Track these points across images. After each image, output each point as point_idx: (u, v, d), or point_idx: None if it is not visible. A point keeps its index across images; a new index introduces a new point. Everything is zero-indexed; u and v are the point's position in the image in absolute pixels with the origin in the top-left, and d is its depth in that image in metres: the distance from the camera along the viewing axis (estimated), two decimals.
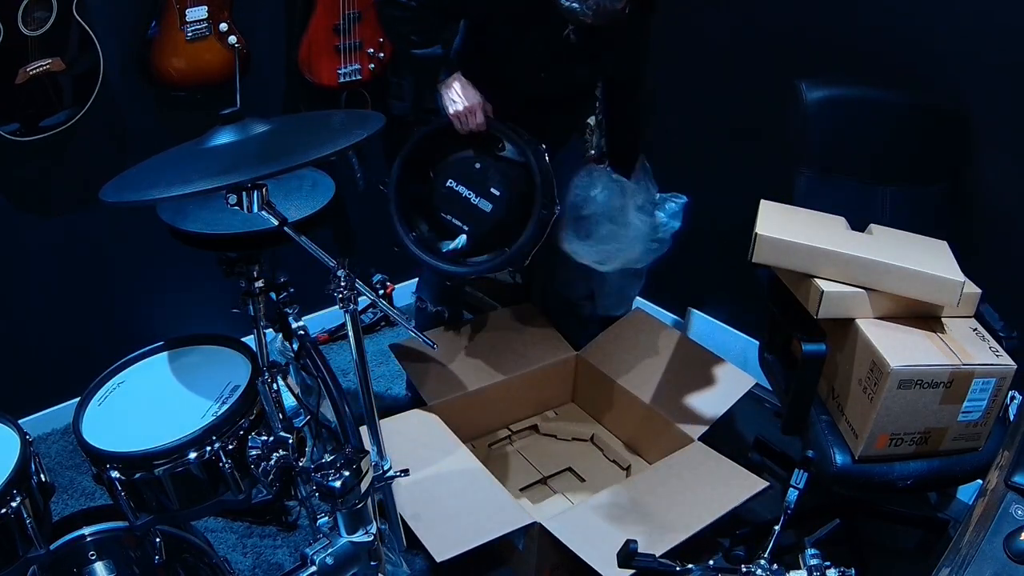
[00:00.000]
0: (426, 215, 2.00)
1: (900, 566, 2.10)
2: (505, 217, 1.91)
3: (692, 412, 2.15)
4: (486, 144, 1.92)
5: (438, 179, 1.95)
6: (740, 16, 2.41)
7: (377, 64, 2.52)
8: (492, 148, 1.92)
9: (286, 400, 1.52)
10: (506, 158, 1.92)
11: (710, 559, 1.26)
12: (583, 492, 2.19)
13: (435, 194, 1.95)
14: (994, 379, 1.62)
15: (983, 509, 1.14)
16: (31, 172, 2.19)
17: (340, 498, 1.20)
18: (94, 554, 1.46)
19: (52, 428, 2.46)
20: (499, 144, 1.92)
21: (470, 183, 1.92)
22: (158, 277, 2.50)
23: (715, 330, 2.83)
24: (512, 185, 1.90)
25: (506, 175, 1.91)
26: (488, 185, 1.91)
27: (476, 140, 1.92)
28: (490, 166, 1.91)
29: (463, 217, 1.94)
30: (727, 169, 2.62)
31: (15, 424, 1.40)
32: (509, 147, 1.91)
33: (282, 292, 1.54)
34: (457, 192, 1.93)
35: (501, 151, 1.92)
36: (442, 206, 1.96)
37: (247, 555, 2.05)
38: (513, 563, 2.00)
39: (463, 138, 1.91)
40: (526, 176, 1.90)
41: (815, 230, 1.83)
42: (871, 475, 1.70)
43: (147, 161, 1.34)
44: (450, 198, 1.94)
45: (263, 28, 2.42)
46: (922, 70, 2.06)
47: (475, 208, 1.92)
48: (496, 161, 1.92)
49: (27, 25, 1.88)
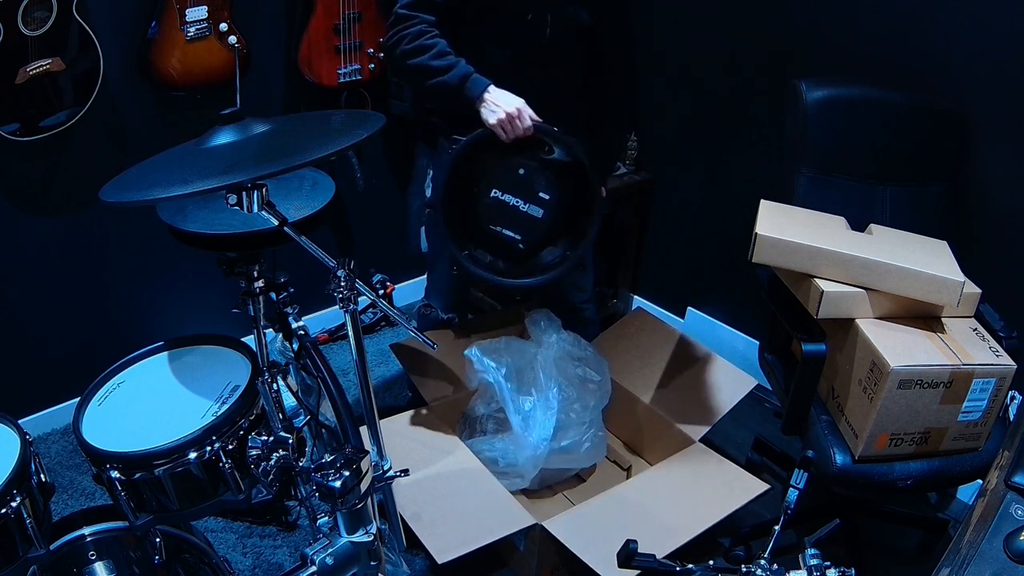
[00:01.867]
0: (472, 231, 1.92)
1: (900, 566, 2.11)
2: (557, 220, 1.86)
3: (693, 413, 2.15)
4: (526, 149, 1.86)
5: (481, 192, 1.88)
6: (740, 16, 2.41)
7: (377, 64, 2.52)
8: (535, 152, 1.86)
9: (286, 400, 1.52)
10: (552, 160, 1.85)
11: (710, 559, 1.26)
12: (583, 493, 2.19)
13: (480, 208, 1.88)
14: (994, 379, 1.62)
15: (983, 509, 1.14)
16: (31, 172, 2.19)
17: (340, 498, 1.20)
18: (94, 554, 1.46)
19: (52, 428, 2.46)
20: (543, 147, 1.85)
21: (517, 191, 1.86)
22: (158, 277, 2.50)
23: (715, 330, 2.84)
24: (560, 186, 1.85)
25: (552, 177, 1.85)
26: (536, 190, 1.85)
27: (515, 147, 1.84)
28: (534, 170, 1.85)
29: (513, 226, 1.88)
30: (727, 169, 2.62)
31: (15, 424, 1.40)
32: (556, 149, 1.85)
33: (282, 292, 1.53)
34: (504, 202, 1.86)
35: (548, 154, 1.85)
36: (490, 218, 1.88)
37: (247, 555, 2.05)
38: (513, 564, 2.00)
39: (502, 147, 1.83)
40: (575, 174, 1.84)
41: (815, 230, 1.83)
42: (871, 475, 1.70)
43: (147, 161, 1.34)
44: (497, 209, 1.87)
45: (263, 28, 2.42)
46: (922, 70, 2.07)
47: (525, 216, 1.86)
48: (540, 164, 1.86)
49: (27, 25, 1.88)
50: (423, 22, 1.82)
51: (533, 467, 2.03)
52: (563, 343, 2.16)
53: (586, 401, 2.09)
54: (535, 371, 2.10)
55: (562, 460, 2.10)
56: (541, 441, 2.01)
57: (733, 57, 2.48)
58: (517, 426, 2.02)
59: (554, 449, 2.04)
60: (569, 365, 2.12)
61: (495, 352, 2.13)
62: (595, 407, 2.11)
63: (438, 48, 1.81)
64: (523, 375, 2.12)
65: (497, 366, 2.09)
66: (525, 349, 2.16)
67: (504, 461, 2.03)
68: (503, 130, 1.79)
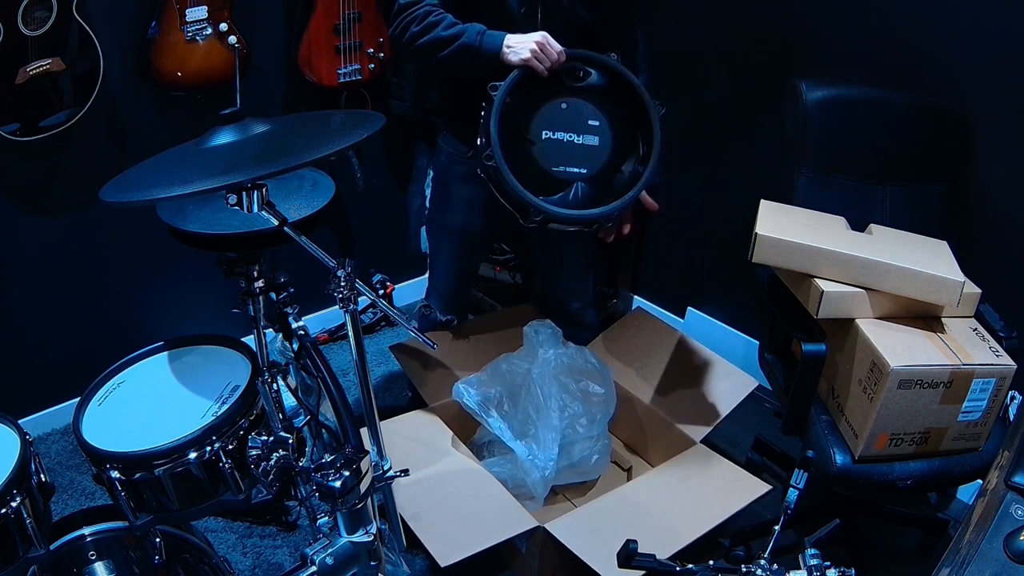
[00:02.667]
0: (537, 179, 1.85)
1: (900, 566, 2.10)
2: (616, 141, 1.82)
3: (694, 414, 2.15)
4: (561, 83, 1.82)
5: (533, 138, 1.82)
6: (740, 16, 2.41)
7: (377, 64, 2.52)
8: (571, 83, 1.82)
9: (286, 400, 1.52)
10: (587, 86, 1.82)
11: (710, 559, 1.26)
12: (585, 494, 2.19)
13: (537, 154, 1.83)
14: (994, 379, 1.62)
15: (983, 509, 1.14)
16: (31, 172, 2.19)
17: (340, 498, 1.20)
18: (94, 554, 1.46)
19: (52, 428, 2.46)
20: (578, 74, 1.81)
21: (566, 126, 1.81)
22: (158, 277, 2.50)
23: (715, 330, 2.84)
24: (607, 108, 1.81)
25: (597, 101, 1.81)
26: (585, 119, 1.81)
27: (550, 84, 1.80)
28: (576, 101, 1.81)
29: (576, 162, 1.82)
30: (727, 169, 2.62)
31: (15, 424, 1.40)
32: (592, 72, 1.81)
33: (282, 292, 1.53)
34: (557, 140, 1.81)
35: (582, 80, 1.81)
36: (550, 162, 1.83)
37: (247, 555, 2.05)
38: (515, 566, 2.00)
39: (538, 88, 1.79)
40: (616, 90, 1.81)
41: (815, 230, 1.83)
42: (871, 475, 1.70)
43: (147, 161, 1.34)
44: (553, 149, 1.82)
45: (263, 28, 2.42)
46: (922, 70, 2.07)
47: (583, 147, 1.82)
48: (579, 93, 1.82)
49: (27, 25, 1.88)
50: (428, 4, 1.82)
51: (543, 487, 2.02)
52: (562, 357, 2.12)
53: (592, 415, 2.08)
54: (533, 391, 2.07)
55: (572, 475, 2.10)
56: (548, 462, 1.99)
57: (733, 57, 2.48)
58: (521, 453, 2.01)
59: (563, 467, 2.04)
60: (571, 380, 2.09)
61: (482, 385, 2.10)
62: (601, 419, 2.10)
63: (447, 21, 1.80)
64: (518, 398, 2.09)
65: (485, 401, 2.07)
66: (517, 370, 2.13)
67: (513, 483, 2.01)
68: (538, 60, 1.75)
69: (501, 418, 2.06)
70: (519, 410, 2.08)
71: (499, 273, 2.91)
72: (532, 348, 2.16)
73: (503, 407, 2.09)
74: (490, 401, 2.08)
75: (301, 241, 1.28)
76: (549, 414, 2.03)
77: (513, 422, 2.07)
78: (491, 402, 2.08)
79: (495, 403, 2.08)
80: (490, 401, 2.08)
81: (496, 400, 2.09)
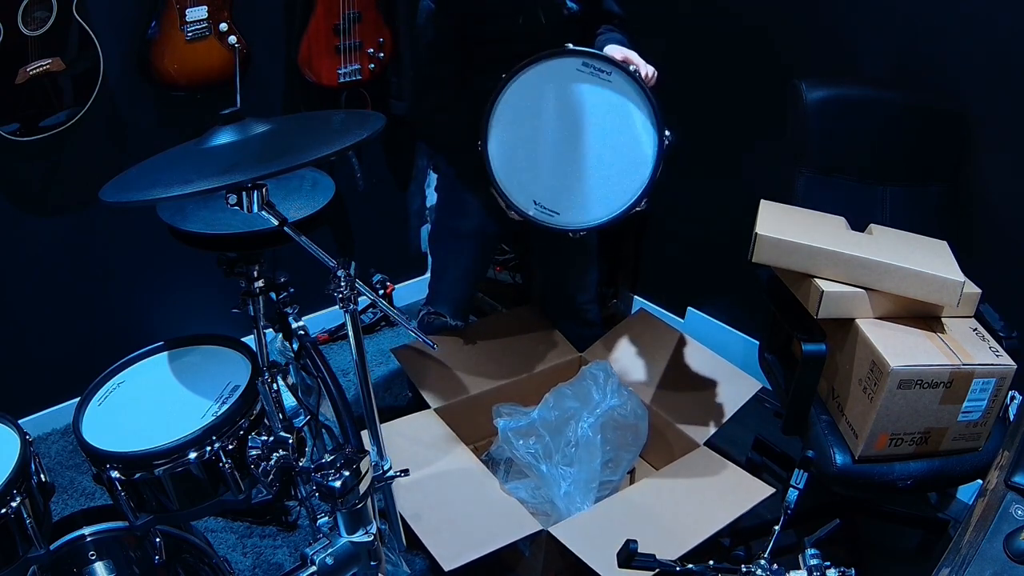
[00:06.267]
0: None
1: (900, 566, 2.10)
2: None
3: (697, 416, 2.14)
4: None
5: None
6: (740, 16, 2.41)
7: (377, 64, 2.52)
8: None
9: (286, 400, 1.52)
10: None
11: (710, 559, 1.26)
12: None
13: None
14: (994, 379, 1.62)
15: (983, 509, 1.14)
16: (31, 172, 2.19)
17: (340, 498, 1.20)
18: (94, 554, 1.46)
19: (52, 428, 2.46)
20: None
21: None
22: (158, 277, 2.50)
23: (715, 330, 2.84)
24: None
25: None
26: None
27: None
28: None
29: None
30: (727, 169, 2.62)
31: (15, 424, 1.40)
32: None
33: (282, 292, 1.53)
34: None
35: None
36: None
37: (247, 555, 2.05)
38: (519, 569, 1.99)
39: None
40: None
41: (815, 230, 1.83)
42: (871, 475, 1.70)
43: (147, 161, 1.34)
44: None
45: (263, 28, 2.42)
46: (922, 70, 2.07)
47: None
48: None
49: (27, 25, 1.88)
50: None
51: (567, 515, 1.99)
52: (613, 410, 2.07)
53: (621, 458, 2.06)
54: (576, 443, 2.03)
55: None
56: (584, 503, 1.97)
57: (733, 57, 2.48)
58: (558, 499, 1.97)
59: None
60: (615, 433, 2.06)
61: (528, 434, 2.05)
62: (627, 464, 2.09)
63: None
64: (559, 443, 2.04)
65: (530, 450, 2.02)
66: (565, 418, 2.07)
67: (533, 503, 1.97)
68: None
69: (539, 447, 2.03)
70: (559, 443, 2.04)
71: (499, 273, 2.91)
72: (586, 390, 2.12)
73: (547, 459, 2.05)
74: (535, 453, 2.03)
75: (301, 241, 1.28)
76: (589, 467, 2.00)
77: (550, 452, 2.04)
78: (535, 453, 2.03)
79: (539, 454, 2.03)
80: (535, 453, 2.03)
81: (540, 452, 2.04)
